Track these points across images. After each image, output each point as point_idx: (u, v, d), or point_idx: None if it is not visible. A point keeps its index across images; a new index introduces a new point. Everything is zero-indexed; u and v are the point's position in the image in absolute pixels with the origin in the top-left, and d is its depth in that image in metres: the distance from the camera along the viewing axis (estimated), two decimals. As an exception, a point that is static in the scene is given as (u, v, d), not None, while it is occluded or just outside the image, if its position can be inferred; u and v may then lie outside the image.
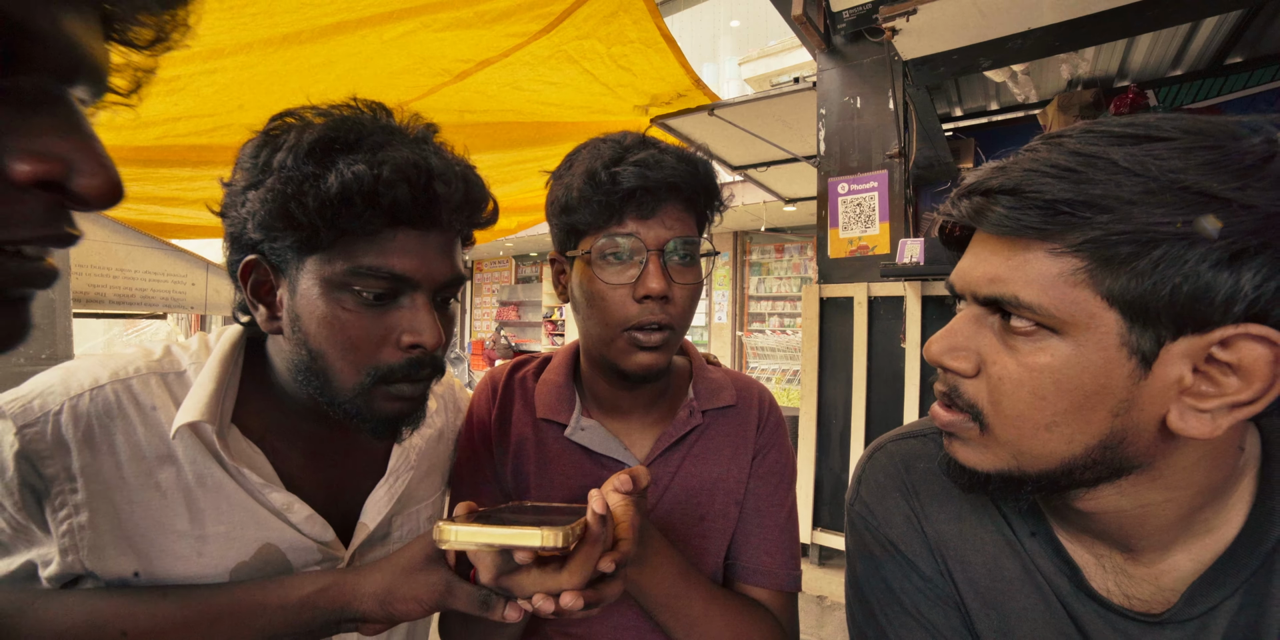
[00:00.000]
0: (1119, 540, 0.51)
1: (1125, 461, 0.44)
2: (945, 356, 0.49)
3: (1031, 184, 0.42)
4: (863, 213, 2.11)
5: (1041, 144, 0.45)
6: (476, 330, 12.24)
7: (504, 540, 0.49)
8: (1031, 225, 0.42)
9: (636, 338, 0.74)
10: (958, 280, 0.49)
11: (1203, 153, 0.39)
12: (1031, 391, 0.44)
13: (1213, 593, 0.48)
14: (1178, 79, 3.09)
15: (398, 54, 2.12)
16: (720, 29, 9.90)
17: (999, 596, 0.57)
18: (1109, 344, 0.41)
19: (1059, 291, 0.42)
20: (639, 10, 2.00)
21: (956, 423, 0.49)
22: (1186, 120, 0.42)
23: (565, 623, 0.80)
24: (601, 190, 0.72)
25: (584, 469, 0.81)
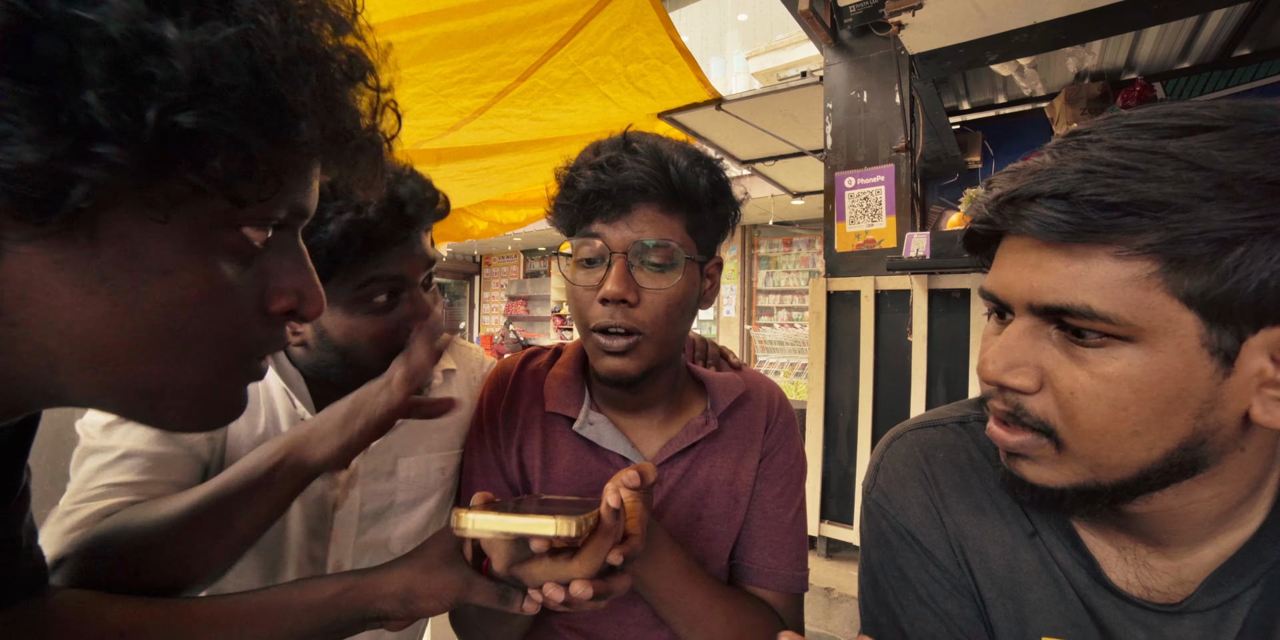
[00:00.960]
0: (1152, 536, 0.50)
1: (1201, 461, 0.43)
2: (1005, 374, 0.45)
3: (1088, 186, 0.39)
4: (869, 206, 2.12)
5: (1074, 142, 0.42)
6: (485, 325, 12.29)
7: (519, 529, 0.51)
8: (1094, 230, 0.39)
9: (600, 341, 0.73)
10: (1002, 290, 0.46)
11: (1263, 140, 0.37)
12: (1110, 403, 0.42)
13: (1234, 583, 0.47)
14: (1185, 71, 3.06)
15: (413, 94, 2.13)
16: (728, 23, 9.84)
17: (1015, 588, 0.56)
18: (1189, 347, 0.39)
19: (1132, 297, 0.39)
20: (652, 22, 1.99)
21: (1027, 443, 0.46)
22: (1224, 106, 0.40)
23: (572, 618, 0.80)
24: (565, 194, 0.73)
25: (589, 465, 0.81)
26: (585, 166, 0.71)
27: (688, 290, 0.74)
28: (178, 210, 0.31)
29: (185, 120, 0.27)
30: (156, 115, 0.27)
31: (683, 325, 0.76)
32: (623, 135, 0.74)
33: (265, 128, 0.31)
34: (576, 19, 1.96)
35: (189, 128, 0.28)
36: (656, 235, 0.71)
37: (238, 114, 0.29)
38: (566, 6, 1.88)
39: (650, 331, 0.72)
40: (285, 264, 0.38)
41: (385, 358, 0.70)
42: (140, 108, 0.26)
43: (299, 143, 0.33)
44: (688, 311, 0.76)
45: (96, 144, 0.26)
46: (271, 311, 0.37)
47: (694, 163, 0.72)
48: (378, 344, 0.71)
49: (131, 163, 0.27)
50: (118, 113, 0.26)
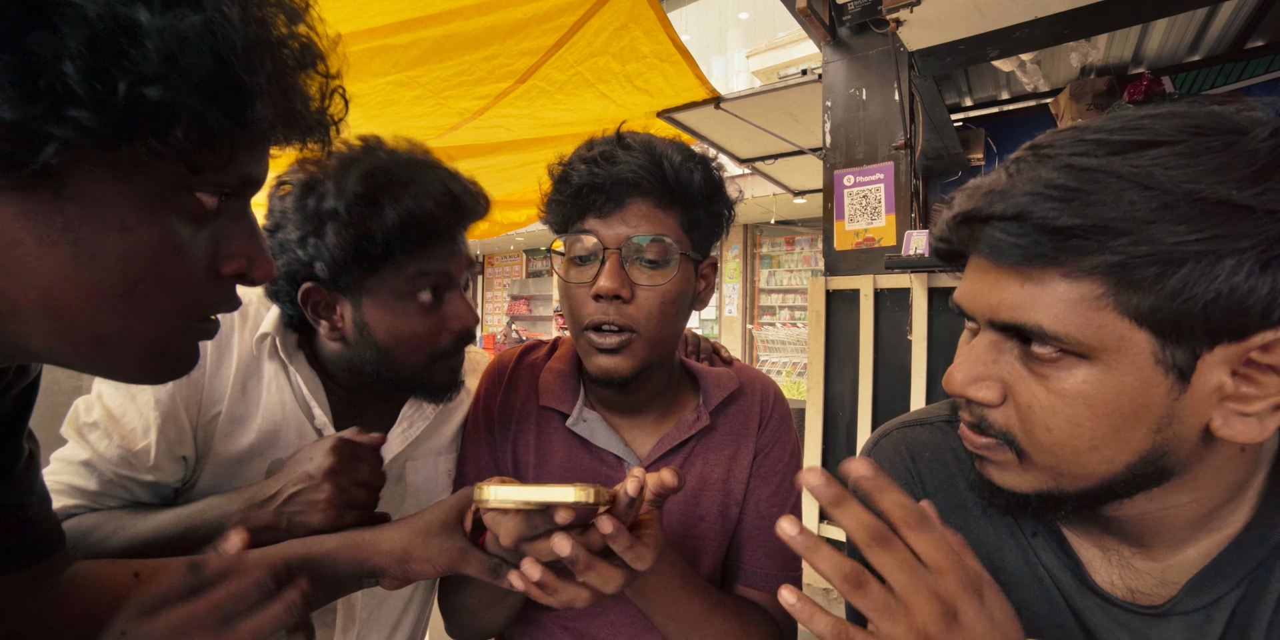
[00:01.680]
0: (1134, 538, 0.50)
1: (1166, 471, 0.43)
2: (969, 388, 0.46)
3: (1036, 210, 0.39)
4: (869, 205, 2.11)
5: (1032, 157, 0.42)
6: (488, 324, 12.33)
7: (541, 497, 0.50)
8: (1042, 253, 0.39)
9: (593, 338, 0.72)
10: (967, 303, 0.47)
11: (1211, 157, 0.37)
12: (1066, 419, 0.42)
13: (1218, 584, 0.47)
14: (1196, 64, 3.03)
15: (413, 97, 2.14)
16: (729, 21, 9.82)
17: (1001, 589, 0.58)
18: (1143, 364, 0.40)
19: (1083, 317, 0.40)
20: (649, 21, 1.99)
21: (990, 447, 0.48)
22: (1181, 116, 0.40)
23: (566, 616, 0.80)
24: (559, 189, 0.72)
25: (582, 462, 0.80)
26: (578, 161, 0.70)
27: (682, 288, 0.73)
28: (139, 172, 0.34)
29: (152, 93, 0.31)
30: (127, 87, 0.30)
31: (677, 324, 0.76)
32: (616, 132, 0.74)
33: (224, 105, 0.34)
34: (574, 19, 1.96)
35: (155, 100, 0.31)
36: (651, 230, 0.70)
37: (199, 91, 0.33)
38: (564, 7, 1.88)
39: (643, 329, 0.71)
40: (237, 230, 0.41)
41: (424, 357, 0.73)
42: (112, 79, 0.30)
43: (253, 120, 0.36)
44: (682, 310, 0.75)
45: (70, 108, 0.29)
46: (223, 274, 0.41)
47: (688, 159, 0.72)
48: (419, 342, 0.72)
49: (100, 127, 0.30)
50: (91, 82, 0.29)
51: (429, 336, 0.72)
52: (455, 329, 0.74)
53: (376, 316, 0.70)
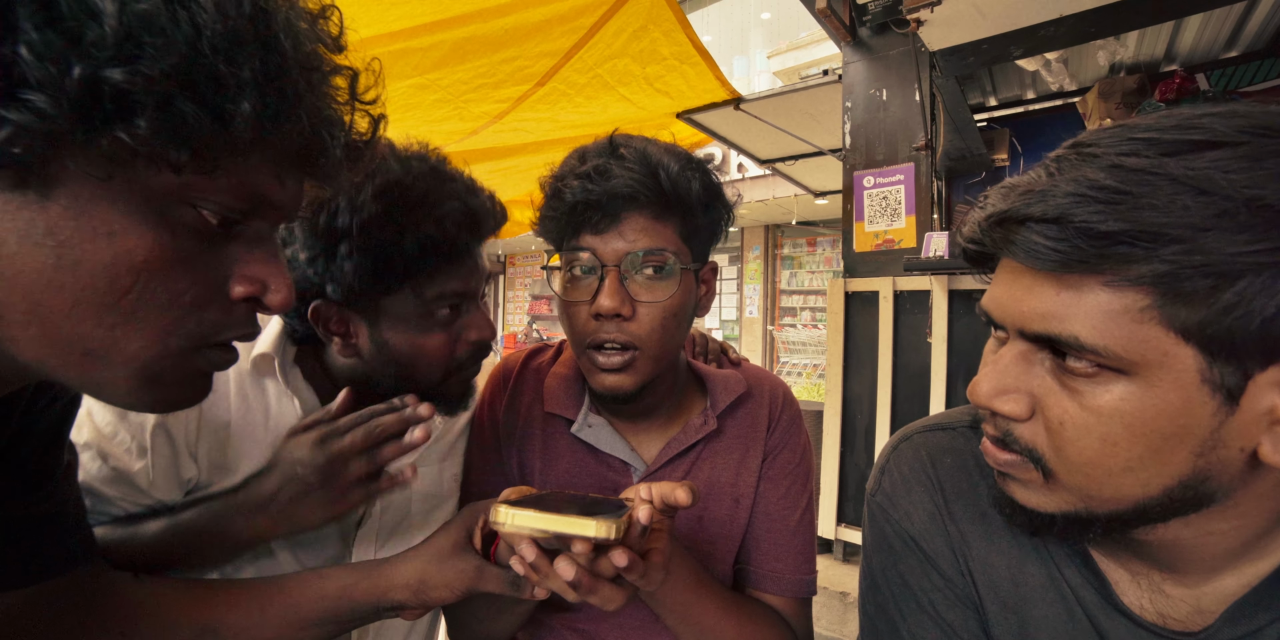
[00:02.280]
0: (1166, 563, 0.48)
1: (1206, 497, 0.40)
2: (995, 400, 0.43)
3: (1079, 212, 0.36)
4: (889, 206, 2.09)
5: (1075, 156, 0.39)
6: (509, 324, 12.43)
7: (560, 528, 0.49)
8: (1084, 259, 0.36)
9: (596, 358, 0.71)
10: (996, 310, 0.44)
11: (1277, 161, 0.34)
12: (1100, 437, 0.40)
13: (1258, 614, 0.45)
14: (1232, 61, 2.93)
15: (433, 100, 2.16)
16: (751, 22, 9.77)
17: (1020, 602, 0.54)
18: (1187, 382, 0.37)
19: (1124, 329, 0.37)
20: (668, 22, 1.97)
21: (1015, 464, 0.45)
22: (1242, 116, 0.37)
23: (573, 618, 0.79)
24: (552, 205, 0.70)
25: (589, 468, 0.79)
26: (571, 176, 0.68)
27: (684, 300, 0.72)
28: (122, 173, 0.32)
29: (112, 75, 0.29)
30: (83, 69, 0.29)
31: (680, 336, 0.74)
32: (609, 140, 0.71)
33: (199, 97, 0.32)
34: (593, 21, 1.97)
35: (116, 83, 0.29)
36: (649, 244, 0.68)
37: (167, 78, 0.31)
38: (583, 8, 1.89)
39: (647, 345, 0.70)
40: (255, 253, 0.40)
41: (441, 371, 0.72)
42: (68, 62, 0.29)
43: (233, 116, 0.33)
44: (684, 322, 0.74)
45: (25, 91, 0.28)
46: (233, 297, 0.39)
47: (685, 167, 0.70)
48: (438, 357, 0.71)
49: (60, 112, 0.29)
50: (45, 65, 0.28)
51: (447, 350, 0.72)
52: (472, 341, 0.73)
53: (395, 334, 0.69)
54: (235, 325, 0.40)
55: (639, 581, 0.56)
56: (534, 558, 0.53)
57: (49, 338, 0.34)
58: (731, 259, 9.03)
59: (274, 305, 0.41)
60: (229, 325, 0.40)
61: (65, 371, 0.36)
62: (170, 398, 0.40)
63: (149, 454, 0.63)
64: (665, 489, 0.57)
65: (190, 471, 0.66)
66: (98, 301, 0.33)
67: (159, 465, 0.64)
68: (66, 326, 0.33)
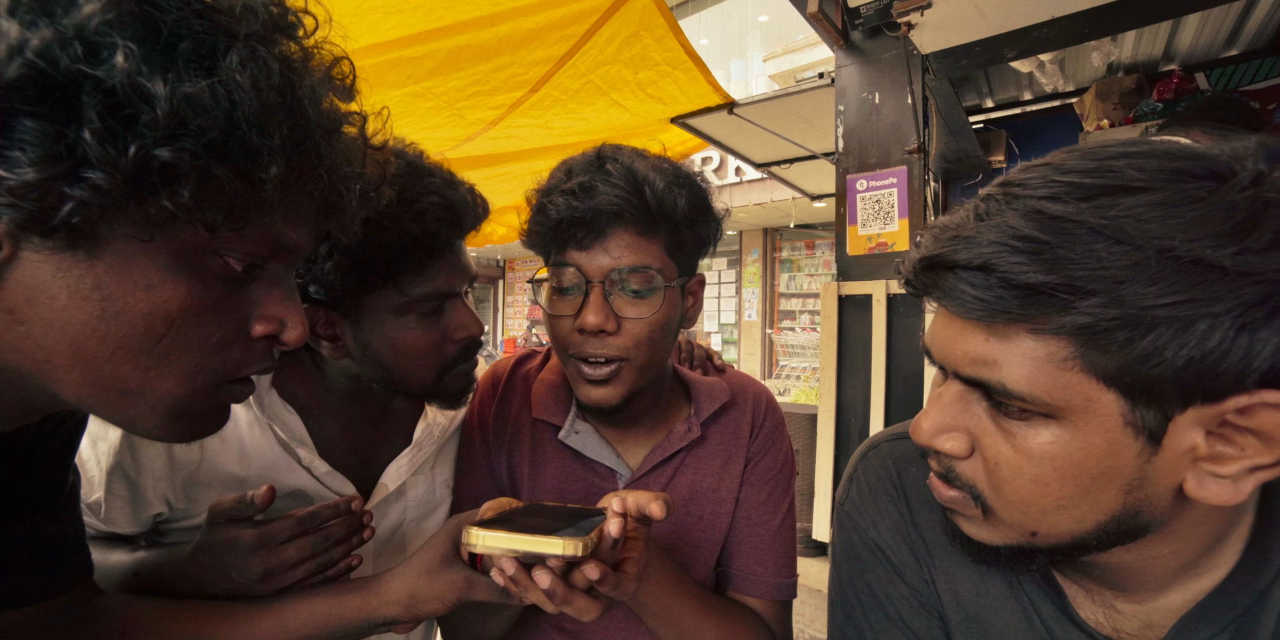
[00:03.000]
0: (1115, 583, 0.49)
1: (1141, 529, 0.42)
2: (936, 439, 0.45)
3: (1001, 262, 0.37)
4: (881, 209, 2.09)
5: (1002, 195, 0.40)
6: (509, 329, 12.45)
7: (528, 547, 0.51)
8: (1007, 310, 0.38)
9: (581, 368, 0.71)
10: (934, 350, 0.46)
11: (1188, 208, 0.35)
12: (1033, 478, 0.41)
13: (1202, 627, 0.46)
14: (1232, 60, 2.93)
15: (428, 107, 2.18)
16: (749, 24, 9.80)
17: (982, 612, 0.56)
18: (1111, 425, 0.38)
19: (1049, 377, 0.38)
20: (660, 28, 1.98)
21: (957, 500, 0.47)
22: (1160, 156, 0.37)
23: (560, 618, 0.80)
24: (537, 221, 0.70)
25: (575, 473, 0.81)
26: (557, 192, 0.68)
27: (669, 315, 0.72)
28: (161, 232, 0.36)
29: (161, 154, 0.33)
30: (137, 149, 0.32)
31: (667, 348, 0.75)
32: (596, 154, 0.71)
33: (235, 166, 0.35)
34: (585, 28, 1.98)
35: (165, 160, 0.33)
36: (634, 261, 0.68)
37: (209, 152, 0.34)
38: (575, 16, 1.90)
39: (633, 356, 0.70)
40: (272, 293, 0.43)
41: (433, 370, 0.71)
42: (125, 143, 0.32)
43: (266, 181, 0.37)
44: (670, 335, 0.74)
45: (86, 169, 0.31)
46: (254, 335, 0.42)
47: (671, 183, 0.69)
48: (425, 356, 0.70)
49: (115, 186, 0.32)
50: (105, 146, 0.31)
51: (434, 349, 0.71)
52: (460, 339, 0.72)
53: (377, 335, 0.69)
54: (256, 361, 0.44)
55: (612, 592, 0.56)
56: (513, 571, 0.54)
57: (90, 379, 0.37)
58: (730, 262, 9.03)
59: (291, 341, 0.44)
60: (250, 362, 0.43)
61: (101, 408, 0.39)
62: (194, 428, 0.43)
63: (104, 491, 0.63)
64: (642, 500, 0.58)
65: (155, 509, 0.66)
66: (135, 346, 0.37)
67: (114, 504, 0.64)
68: (107, 369, 0.37)
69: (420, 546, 0.66)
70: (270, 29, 0.37)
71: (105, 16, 0.31)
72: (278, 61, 0.37)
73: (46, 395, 0.38)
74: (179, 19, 0.33)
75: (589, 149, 0.73)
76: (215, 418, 0.44)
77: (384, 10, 1.66)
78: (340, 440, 0.76)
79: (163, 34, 0.32)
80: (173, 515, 0.68)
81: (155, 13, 0.32)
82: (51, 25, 0.30)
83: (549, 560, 0.53)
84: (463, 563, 0.63)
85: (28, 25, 0.29)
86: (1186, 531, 0.43)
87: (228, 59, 0.34)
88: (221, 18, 0.35)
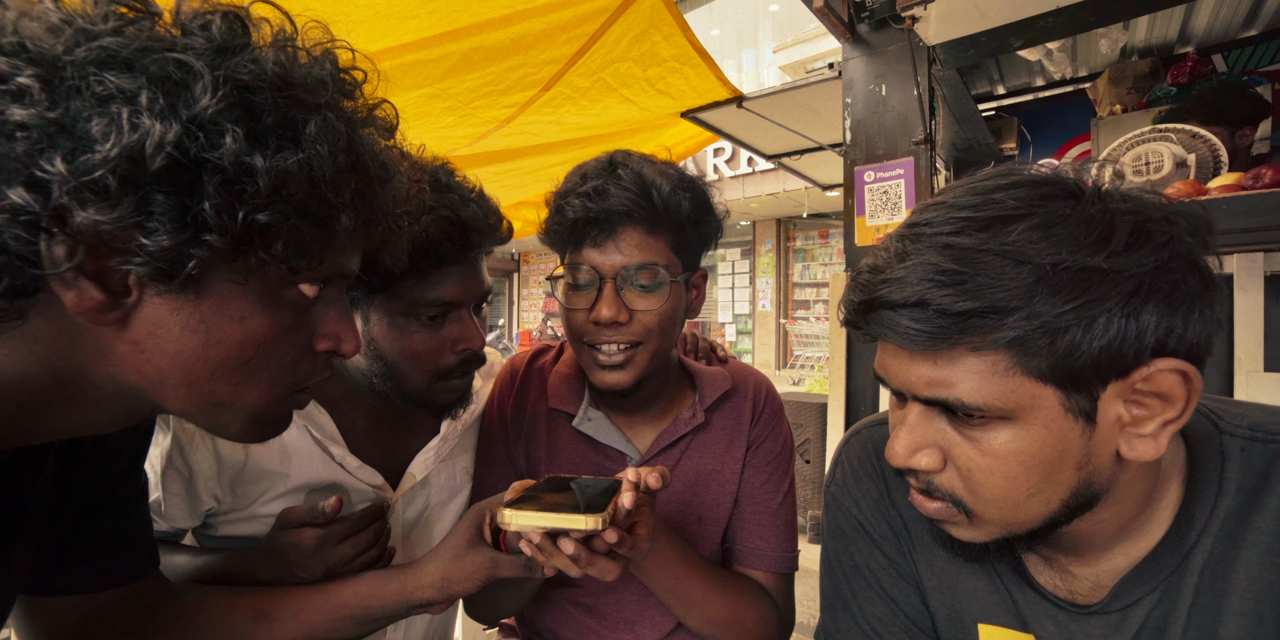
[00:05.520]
0: (1068, 549, 0.56)
1: (1094, 498, 0.49)
2: (912, 460, 0.50)
3: (933, 297, 0.43)
4: (889, 200, 2.11)
5: (912, 236, 0.46)
6: (524, 321, 12.56)
7: (557, 524, 0.58)
8: (948, 336, 0.43)
9: (596, 356, 0.78)
10: (889, 379, 0.51)
11: (1061, 227, 0.42)
12: (1003, 476, 0.47)
13: (1136, 589, 0.52)
14: (1250, 40, 2.87)
15: (443, 108, 2.22)
16: (760, 14, 9.69)
17: (953, 578, 0.62)
18: (1056, 415, 0.44)
19: (996, 385, 0.44)
20: (669, 26, 2.01)
21: (944, 511, 0.52)
22: (1025, 186, 0.44)
23: (576, 594, 0.88)
24: (555, 221, 0.77)
25: (589, 458, 0.87)
26: (573, 195, 0.75)
27: (675, 306, 0.79)
28: (253, 275, 0.43)
29: (262, 217, 0.40)
30: (244, 215, 0.39)
31: (673, 335, 0.81)
32: (609, 160, 0.78)
33: (316, 220, 0.43)
34: (595, 28, 2.02)
35: (264, 222, 0.40)
36: (643, 258, 0.75)
37: (297, 212, 0.41)
38: (585, 16, 1.94)
39: (648, 338, 0.77)
40: (330, 313, 0.50)
41: (427, 375, 0.75)
42: (235, 210, 0.39)
43: (339, 229, 0.45)
44: (677, 324, 0.81)
45: (206, 234, 0.38)
46: (317, 350, 0.50)
47: (676, 187, 0.76)
48: (419, 359, 0.74)
49: (226, 246, 0.39)
50: (221, 215, 0.38)
51: (431, 355, 0.74)
52: (458, 350, 0.75)
53: (381, 332, 0.72)
54: (318, 372, 0.52)
55: (629, 552, 0.63)
56: (539, 541, 0.61)
57: (193, 395, 0.44)
58: (743, 253, 9.01)
59: (347, 352, 0.51)
60: (314, 373, 0.51)
61: (198, 417, 0.47)
62: (266, 432, 0.51)
63: (161, 491, 0.72)
64: (645, 473, 0.65)
65: (206, 505, 0.74)
66: (230, 367, 0.44)
67: (170, 502, 0.72)
68: (207, 387, 0.44)
69: (447, 534, 0.72)
70: (337, 94, 0.44)
71: (217, 106, 0.37)
72: (343, 123, 0.43)
73: (152, 406, 0.46)
74: (267, 99, 0.39)
75: (602, 155, 0.79)
76: (283, 422, 0.52)
77: (400, 16, 1.72)
78: (369, 434, 0.82)
79: (258, 114, 0.39)
80: (219, 509, 0.75)
81: (251, 96, 0.39)
82: (179, 120, 0.36)
83: (572, 533, 0.59)
84: (487, 544, 0.70)
85: (164, 121, 0.35)
86: (1121, 495, 0.49)
87: (307, 129, 0.41)
88: (298, 92, 0.41)
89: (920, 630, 0.64)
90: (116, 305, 0.39)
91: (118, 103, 0.35)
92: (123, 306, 0.40)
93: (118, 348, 0.41)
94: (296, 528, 0.68)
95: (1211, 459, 0.51)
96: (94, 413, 0.45)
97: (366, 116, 0.48)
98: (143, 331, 0.41)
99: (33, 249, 0.35)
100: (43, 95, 0.34)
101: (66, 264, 0.36)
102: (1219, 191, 1.53)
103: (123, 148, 0.34)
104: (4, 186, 0.34)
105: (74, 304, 0.38)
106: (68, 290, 0.37)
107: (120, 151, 0.34)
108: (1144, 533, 0.53)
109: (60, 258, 0.36)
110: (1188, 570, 0.50)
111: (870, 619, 0.65)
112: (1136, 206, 0.44)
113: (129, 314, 0.40)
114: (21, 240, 0.35)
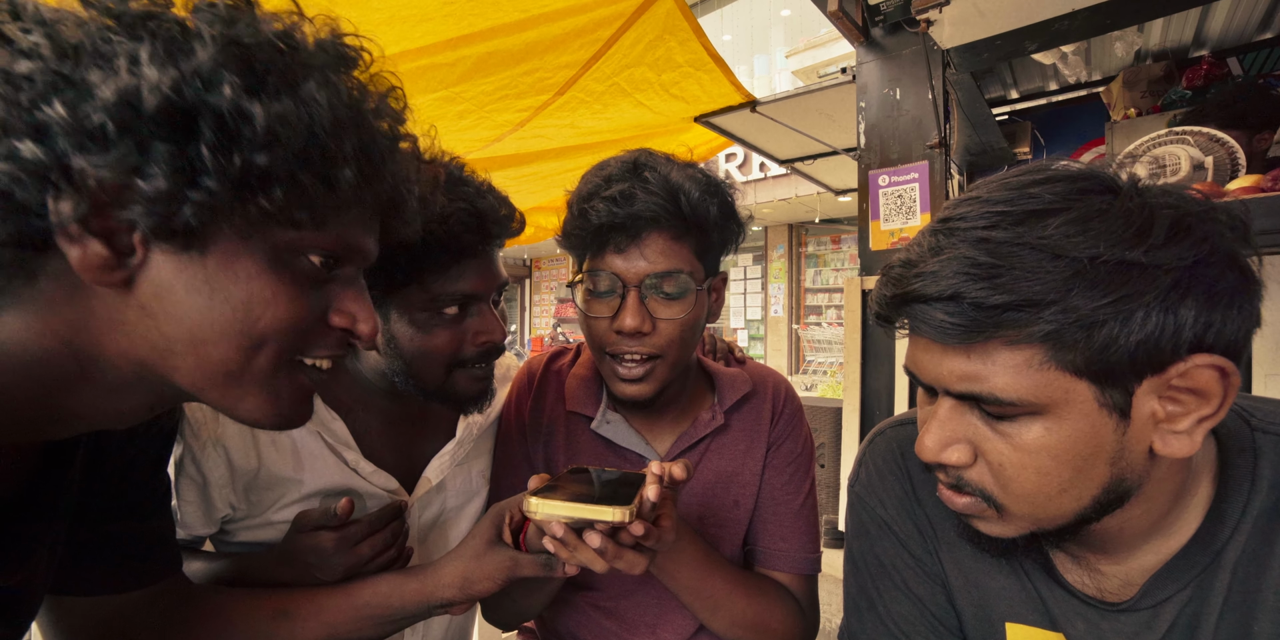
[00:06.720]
0: (1098, 546, 0.55)
1: (1126, 494, 0.48)
2: (943, 454, 0.49)
3: (967, 290, 0.43)
4: (903, 204, 2.11)
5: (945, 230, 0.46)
6: (535, 328, 12.59)
7: (584, 514, 0.57)
8: (982, 330, 0.43)
9: (617, 368, 0.76)
10: (920, 373, 0.50)
11: (1099, 221, 0.42)
12: (1035, 471, 0.46)
13: (1167, 586, 0.52)
14: (1267, 43, 2.85)
15: (458, 111, 2.24)
16: (772, 19, 9.73)
17: (980, 576, 0.61)
18: (1089, 410, 0.44)
19: (1030, 379, 0.43)
20: (684, 31, 2.02)
21: (972, 506, 0.51)
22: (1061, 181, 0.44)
23: (598, 597, 0.87)
24: (578, 225, 0.74)
25: (607, 461, 0.86)
26: (598, 198, 0.72)
27: (699, 313, 0.77)
28: (257, 231, 0.43)
29: (259, 160, 0.39)
30: (241, 157, 0.39)
31: (694, 343, 0.80)
32: (634, 161, 0.75)
33: (316, 169, 0.42)
34: (610, 33, 2.04)
35: (262, 166, 0.39)
36: (668, 265, 0.72)
37: (296, 158, 0.41)
38: (600, 21, 1.96)
39: (666, 354, 0.75)
40: (347, 292, 0.50)
41: (443, 369, 0.74)
42: (231, 153, 0.39)
43: (339, 180, 0.43)
44: (698, 332, 0.79)
45: (203, 177, 0.38)
46: (331, 325, 0.49)
47: (705, 191, 0.74)
48: (439, 355, 0.73)
49: (224, 189, 0.39)
50: (218, 158, 0.38)
51: (451, 349, 0.73)
52: (479, 343, 0.75)
53: (401, 329, 0.72)
54: (330, 345, 0.50)
55: (654, 545, 0.63)
56: (563, 534, 0.60)
57: (201, 364, 0.44)
58: (755, 258, 9.00)
59: (364, 334, 0.50)
60: (324, 345, 0.50)
61: (211, 392, 0.46)
62: (285, 413, 0.49)
63: (177, 498, 0.72)
64: (669, 466, 0.64)
65: (221, 512, 0.75)
66: (237, 330, 0.43)
67: (186, 509, 0.73)
68: (215, 353, 0.43)
69: (467, 534, 0.72)
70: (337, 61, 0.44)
71: (216, 60, 0.38)
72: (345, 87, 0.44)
73: (167, 386, 0.45)
74: (268, 58, 0.40)
75: (625, 155, 0.77)
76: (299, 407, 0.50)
77: (415, 19, 1.75)
78: (383, 439, 0.82)
79: (257, 70, 0.39)
80: (235, 516, 0.75)
81: (250, 54, 0.39)
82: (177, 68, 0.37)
83: (598, 525, 0.59)
84: (507, 544, 0.69)
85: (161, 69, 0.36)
86: (1152, 492, 0.49)
87: (306, 85, 0.41)
88: (300, 55, 0.42)
89: (947, 629, 0.63)
90: (121, 263, 0.39)
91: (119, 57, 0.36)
92: (128, 266, 0.40)
93: (127, 315, 0.41)
94: (312, 531, 0.69)
95: (1244, 456, 0.51)
96: (115, 400, 0.45)
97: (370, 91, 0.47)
98: (149, 293, 0.41)
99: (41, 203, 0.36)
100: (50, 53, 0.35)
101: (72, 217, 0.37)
102: (1238, 194, 1.52)
103: (119, 92, 0.35)
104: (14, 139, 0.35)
105: (79, 261, 0.38)
106: (73, 246, 0.38)
107: (117, 96, 0.35)
108: (1174, 530, 0.52)
109: (66, 212, 0.36)
110: (1220, 567, 0.50)
111: (896, 618, 0.65)
112: (1176, 201, 0.43)
113: (134, 275, 0.40)
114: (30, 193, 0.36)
